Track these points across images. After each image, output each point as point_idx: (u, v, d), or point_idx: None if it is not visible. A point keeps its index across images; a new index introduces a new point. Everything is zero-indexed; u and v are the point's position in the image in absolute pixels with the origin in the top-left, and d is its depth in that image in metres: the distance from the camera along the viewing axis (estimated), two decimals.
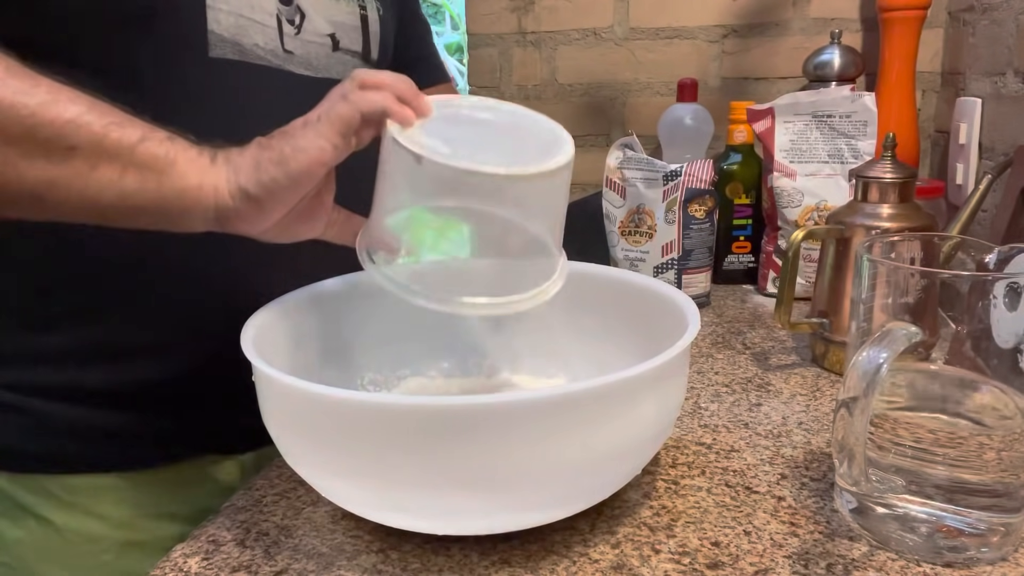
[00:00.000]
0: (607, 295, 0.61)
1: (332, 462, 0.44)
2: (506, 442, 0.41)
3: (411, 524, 0.46)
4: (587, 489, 0.46)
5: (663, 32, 1.21)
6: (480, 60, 1.28)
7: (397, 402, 0.46)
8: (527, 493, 0.43)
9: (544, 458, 0.41)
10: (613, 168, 0.95)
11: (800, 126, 0.93)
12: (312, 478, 0.47)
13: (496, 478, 0.41)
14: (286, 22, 0.61)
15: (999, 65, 0.94)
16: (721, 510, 0.49)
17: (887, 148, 0.70)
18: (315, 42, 0.63)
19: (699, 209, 0.91)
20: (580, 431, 0.41)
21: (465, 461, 0.41)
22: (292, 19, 0.61)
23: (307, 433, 0.44)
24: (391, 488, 0.43)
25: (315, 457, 0.45)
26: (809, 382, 0.70)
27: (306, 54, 0.63)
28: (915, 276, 0.45)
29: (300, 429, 0.45)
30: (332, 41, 0.65)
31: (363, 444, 0.42)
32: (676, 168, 0.90)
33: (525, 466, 0.41)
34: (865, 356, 0.41)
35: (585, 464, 0.43)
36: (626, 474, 0.48)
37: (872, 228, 0.69)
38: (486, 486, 0.42)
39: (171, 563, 0.46)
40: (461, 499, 0.42)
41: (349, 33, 0.67)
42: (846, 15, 1.15)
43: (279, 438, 0.47)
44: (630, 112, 1.25)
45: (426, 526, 0.45)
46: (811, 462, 0.55)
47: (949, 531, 0.44)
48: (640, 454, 0.48)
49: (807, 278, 0.90)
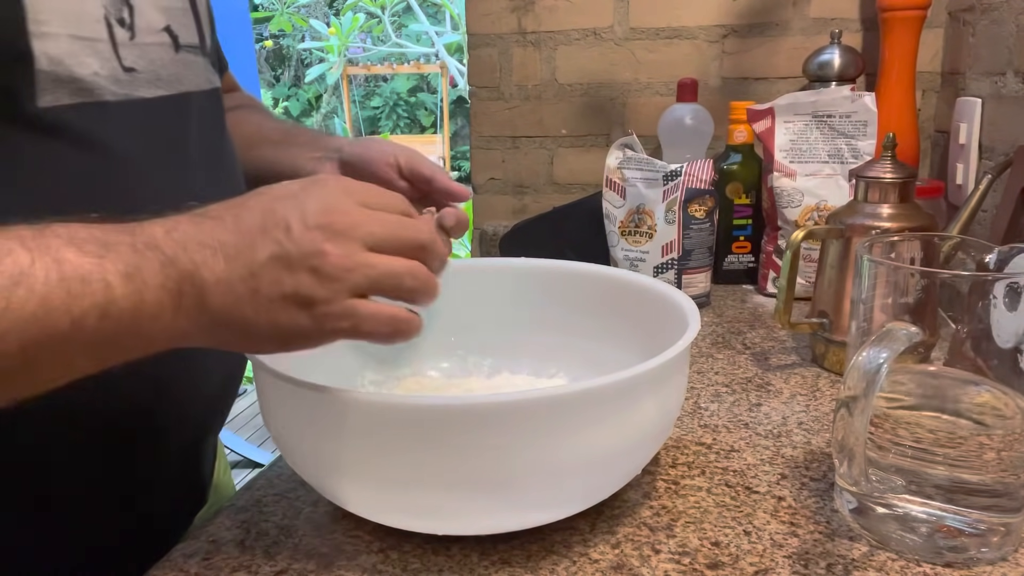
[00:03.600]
0: (607, 295, 0.61)
1: (332, 461, 0.44)
2: (506, 442, 0.41)
3: (411, 524, 0.46)
4: (588, 489, 0.46)
5: (663, 32, 1.21)
6: (480, 60, 1.28)
7: (397, 401, 0.46)
8: (527, 493, 0.43)
9: (544, 458, 0.41)
10: (613, 168, 0.95)
11: (800, 126, 0.93)
12: (312, 478, 0.47)
13: (496, 478, 0.42)
14: (116, 24, 0.47)
15: (999, 65, 0.94)
16: (721, 510, 0.49)
17: (887, 148, 0.70)
18: (153, 43, 0.51)
19: (699, 209, 0.91)
20: (580, 431, 0.41)
21: (465, 461, 0.41)
22: (121, 17, 0.48)
23: (307, 431, 0.44)
24: (391, 488, 0.43)
25: (315, 456, 0.45)
26: (809, 382, 0.70)
27: (150, 66, 0.50)
28: (915, 276, 0.45)
29: (300, 427, 0.45)
30: (171, 37, 0.53)
31: (363, 443, 0.42)
32: (676, 168, 0.90)
33: (525, 466, 0.41)
34: (865, 356, 0.41)
35: (585, 464, 0.43)
36: (627, 473, 0.48)
37: (872, 228, 0.69)
38: (486, 486, 0.42)
39: (171, 563, 0.46)
40: (461, 499, 0.42)
41: (180, 20, 0.54)
42: (846, 15, 1.15)
43: (279, 437, 0.47)
44: (630, 112, 1.25)
45: (426, 526, 0.45)
46: (811, 462, 0.55)
47: (949, 531, 0.44)
48: (640, 454, 0.48)
49: (807, 278, 0.90)
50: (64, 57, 0.44)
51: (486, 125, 1.29)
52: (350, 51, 5.69)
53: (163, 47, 0.52)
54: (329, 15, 6.17)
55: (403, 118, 7.08)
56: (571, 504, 0.46)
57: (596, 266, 0.63)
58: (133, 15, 0.49)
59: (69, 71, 0.44)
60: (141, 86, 0.50)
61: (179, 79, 0.53)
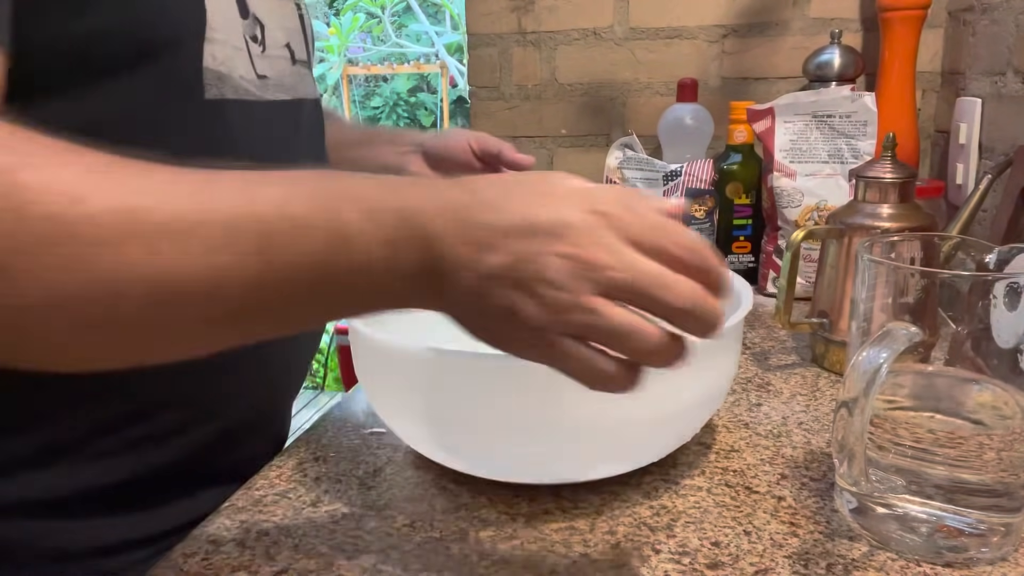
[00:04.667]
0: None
1: (413, 409, 0.50)
2: (562, 398, 0.45)
3: (473, 468, 0.52)
4: (638, 447, 0.51)
5: (663, 32, 1.21)
6: (480, 60, 1.28)
7: (473, 358, 0.46)
8: (581, 446, 0.48)
9: (598, 416, 0.46)
10: (613, 168, 0.95)
11: (800, 126, 0.93)
12: (394, 423, 0.54)
13: (555, 432, 0.47)
14: (250, 40, 0.55)
15: (999, 65, 0.94)
16: (721, 510, 0.49)
17: (887, 148, 0.70)
18: (279, 57, 0.58)
19: (699, 209, 0.91)
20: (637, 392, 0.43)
21: (528, 414, 0.47)
22: (255, 35, 0.55)
23: (393, 384, 0.51)
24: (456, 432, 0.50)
25: (399, 404, 0.52)
26: (809, 382, 0.70)
27: (278, 74, 0.58)
28: (915, 276, 0.45)
29: (388, 380, 0.52)
30: (289, 52, 0.60)
31: (446, 396, 0.48)
32: (676, 168, 0.90)
33: (580, 422, 0.46)
34: (865, 356, 0.41)
35: (639, 423, 0.47)
36: (676, 436, 0.53)
37: (872, 228, 0.69)
38: (546, 438, 0.47)
39: (171, 563, 0.46)
40: (524, 448, 0.48)
41: (295, 38, 0.61)
42: (846, 15, 1.15)
43: (367, 384, 0.54)
44: (630, 112, 1.25)
45: (489, 472, 0.52)
46: (811, 462, 0.55)
47: (949, 531, 0.44)
48: (688, 420, 0.52)
49: (807, 278, 0.90)
50: (225, 59, 0.51)
51: (486, 125, 1.29)
52: (350, 51, 5.69)
53: (284, 60, 0.59)
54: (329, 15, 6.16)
55: (403, 118, 7.07)
56: (621, 461, 0.51)
57: None
58: (264, 33, 0.57)
59: (229, 72, 0.51)
60: (270, 90, 0.56)
61: (295, 88, 0.60)
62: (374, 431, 0.62)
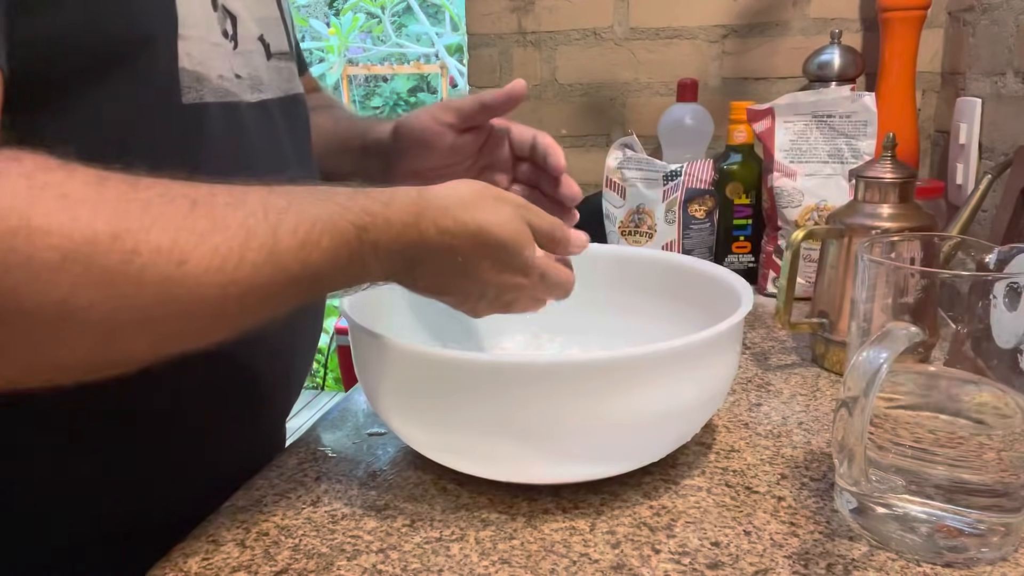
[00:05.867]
0: (673, 279, 0.67)
1: (413, 408, 0.51)
2: (562, 398, 0.46)
3: (474, 468, 0.52)
4: (638, 447, 0.51)
5: (663, 32, 1.21)
6: (480, 60, 1.28)
7: (473, 358, 0.51)
8: (580, 447, 0.48)
9: (597, 415, 0.46)
10: (613, 168, 0.95)
11: (800, 126, 0.93)
12: (394, 423, 0.53)
13: (555, 432, 0.47)
14: (221, 35, 0.51)
15: (999, 65, 0.94)
16: (721, 510, 0.49)
17: (887, 148, 0.70)
18: (252, 51, 0.54)
19: (699, 209, 0.91)
20: (637, 392, 0.47)
21: (528, 414, 0.47)
22: (226, 28, 0.51)
23: (393, 383, 0.51)
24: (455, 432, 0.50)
25: (399, 404, 0.52)
26: (809, 382, 0.70)
27: (253, 72, 0.54)
28: (915, 276, 0.45)
29: (388, 380, 0.51)
30: (263, 46, 0.56)
31: (446, 396, 0.49)
32: (676, 168, 0.90)
33: (579, 422, 0.47)
34: (865, 356, 0.41)
35: (639, 423, 0.48)
36: (677, 435, 0.53)
37: (872, 228, 0.69)
38: (546, 437, 0.47)
39: (171, 563, 0.46)
40: (523, 448, 0.48)
41: (273, 29, 0.58)
42: (846, 15, 1.15)
43: (367, 383, 0.54)
44: (630, 112, 1.25)
45: (488, 472, 0.52)
46: (811, 462, 0.55)
47: (949, 531, 0.44)
48: (689, 420, 0.52)
49: (807, 278, 0.90)
50: (202, 59, 0.48)
51: None
52: (350, 51, 5.69)
53: (258, 54, 0.55)
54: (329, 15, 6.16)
55: None
56: (620, 461, 0.51)
57: (664, 252, 0.74)
58: (236, 26, 0.53)
59: (206, 72, 0.49)
60: (246, 90, 0.54)
61: (270, 85, 0.57)
62: (374, 431, 0.62)
